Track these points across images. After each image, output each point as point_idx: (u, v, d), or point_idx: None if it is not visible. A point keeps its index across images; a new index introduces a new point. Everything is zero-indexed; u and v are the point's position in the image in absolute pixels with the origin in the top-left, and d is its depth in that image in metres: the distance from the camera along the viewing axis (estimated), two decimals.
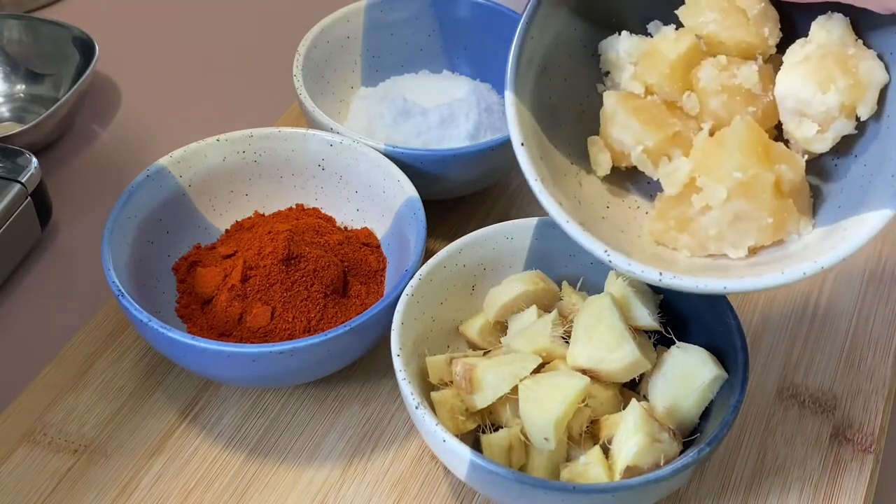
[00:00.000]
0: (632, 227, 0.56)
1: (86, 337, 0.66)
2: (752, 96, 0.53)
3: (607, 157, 0.56)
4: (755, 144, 0.51)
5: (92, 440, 0.61)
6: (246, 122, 0.73)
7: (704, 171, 0.52)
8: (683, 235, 0.54)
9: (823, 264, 0.48)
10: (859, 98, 0.50)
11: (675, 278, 0.49)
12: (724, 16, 0.53)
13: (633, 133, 0.55)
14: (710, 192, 0.52)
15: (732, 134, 0.52)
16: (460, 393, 0.56)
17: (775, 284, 0.48)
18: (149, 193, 0.65)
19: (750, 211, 0.51)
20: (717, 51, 0.54)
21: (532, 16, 0.55)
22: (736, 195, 0.51)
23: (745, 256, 0.53)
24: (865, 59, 0.50)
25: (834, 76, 0.50)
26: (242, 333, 0.62)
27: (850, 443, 0.62)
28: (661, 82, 0.55)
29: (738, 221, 0.52)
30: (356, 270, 0.66)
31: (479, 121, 0.74)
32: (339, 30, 0.78)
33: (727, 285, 0.49)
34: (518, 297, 0.60)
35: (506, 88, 0.54)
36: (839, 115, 0.51)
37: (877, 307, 0.70)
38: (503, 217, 0.70)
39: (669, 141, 0.54)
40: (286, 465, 0.60)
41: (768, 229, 0.52)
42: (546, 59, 0.56)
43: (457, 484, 0.60)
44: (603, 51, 0.58)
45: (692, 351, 0.56)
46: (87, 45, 0.82)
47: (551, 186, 0.53)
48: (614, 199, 0.57)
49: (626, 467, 0.52)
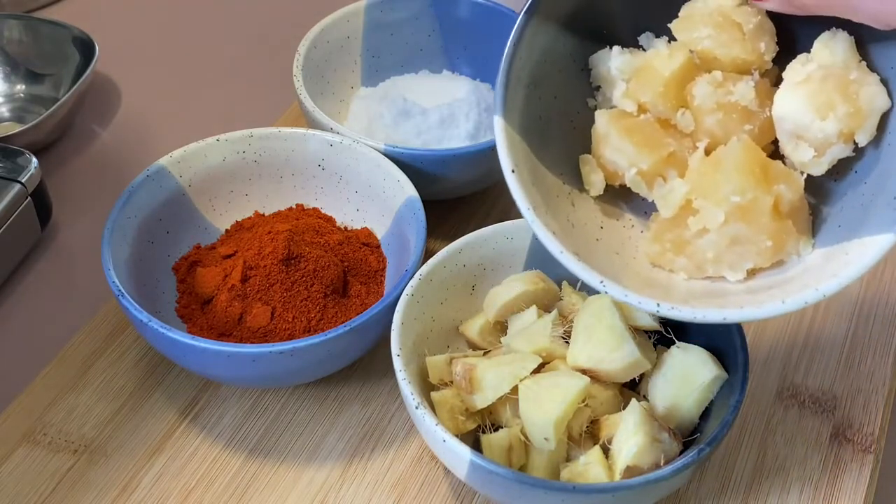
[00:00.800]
0: (627, 249, 0.55)
1: (86, 337, 0.66)
2: (749, 113, 0.52)
3: (600, 177, 0.55)
4: (752, 165, 0.50)
5: (92, 440, 0.61)
6: (246, 122, 0.73)
7: (701, 193, 0.51)
8: (680, 258, 0.52)
9: (826, 292, 0.46)
10: (859, 126, 0.49)
11: (674, 309, 0.48)
12: (719, 31, 0.52)
13: (626, 155, 0.53)
14: (707, 215, 0.50)
15: (729, 155, 0.50)
16: (460, 393, 0.56)
17: (776, 314, 0.47)
18: (149, 193, 0.65)
19: (748, 234, 0.50)
20: (711, 66, 0.53)
21: (520, 36, 0.53)
22: (734, 218, 0.50)
23: (743, 279, 0.52)
24: (868, 85, 0.49)
25: (834, 102, 0.49)
26: (242, 333, 0.62)
27: (850, 443, 0.62)
28: (654, 100, 0.53)
29: (736, 244, 0.51)
30: (356, 270, 0.66)
31: (479, 121, 0.74)
32: (339, 30, 0.78)
33: (726, 316, 0.47)
34: (518, 297, 0.60)
35: (494, 113, 0.53)
36: (837, 141, 0.50)
37: (877, 307, 0.70)
38: (503, 217, 0.70)
39: (664, 162, 0.53)
40: (286, 465, 0.60)
41: (767, 252, 0.51)
42: (535, 77, 0.55)
43: (457, 484, 0.60)
44: (594, 65, 0.56)
45: (692, 351, 0.56)
46: (87, 45, 0.82)
47: (543, 214, 0.52)
48: (608, 219, 0.56)
49: (626, 467, 0.52)
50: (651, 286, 0.51)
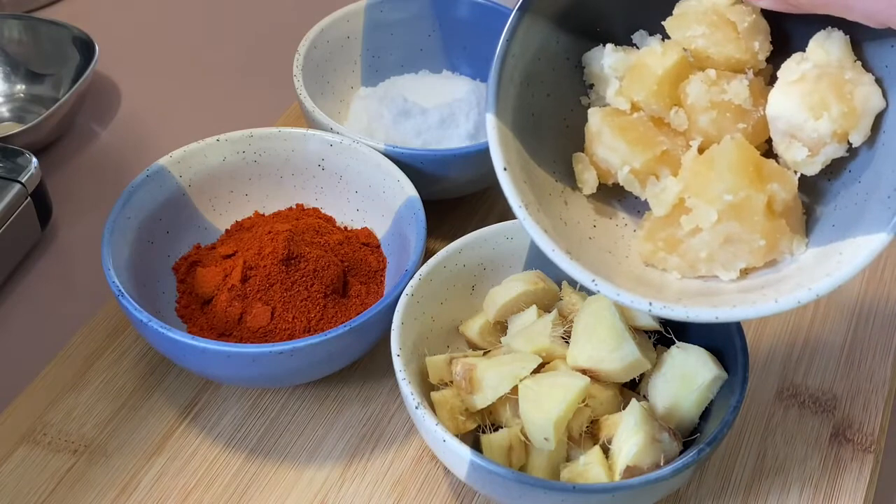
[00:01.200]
0: (619, 248, 0.55)
1: (86, 337, 0.66)
2: (743, 112, 0.51)
3: (593, 175, 0.55)
4: (746, 164, 0.50)
5: (92, 440, 0.61)
6: (246, 122, 0.73)
7: (694, 191, 0.51)
8: (673, 257, 0.52)
9: (819, 292, 0.46)
10: (853, 126, 0.49)
11: (665, 308, 0.48)
12: (713, 29, 0.52)
13: (619, 154, 0.53)
14: (700, 214, 0.50)
15: (722, 154, 0.50)
16: (460, 393, 0.56)
17: (769, 314, 0.47)
18: (149, 193, 0.65)
19: (741, 233, 0.50)
20: (705, 65, 0.53)
21: (512, 33, 0.53)
22: (727, 217, 0.50)
23: (736, 279, 0.51)
24: (862, 85, 0.49)
25: (828, 102, 0.48)
26: (242, 333, 0.62)
27: (850, 443, 0.62)
28: (647, 99, 0.53)
29: (729, 244, 0.50)
30: (356, 270, 0.66)
31: (478, 121, 0.74)
32: (339, 30, 0.78)
33: (718, 315, 0.47)
34: (518, 297, 0.60)
35: (486, 111, 0.53)
36: (831, 140, 0.49)
37: (877, 307, 0.70)
38: (503, 217, 0.70)
39: (657, 160, 0.53)
40: (286, 464, 0.60)
41: (760, 251, 0.50)
42: (528, 75, 0.54)
43: (457, 484, 0.60)
44: (587, 63, 0.56)
45: (692, 351, 0.56)
46: (87, 45, 0.82)
47: (536, 212, 0.51)
48: (601, 217, 0.56)
49: (626, 467, 0.52)
50: (644, 285, 0.51)
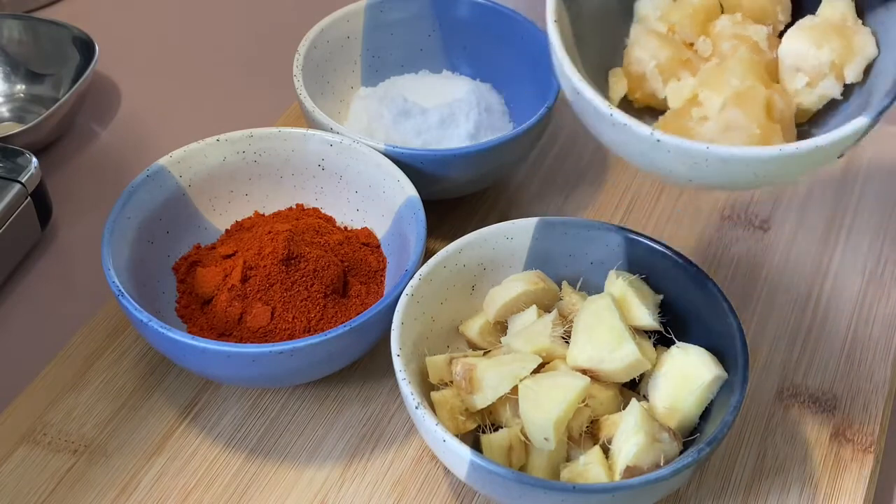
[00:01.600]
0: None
1: (86, 337, 0.66)
2: (759, 50, 0.57)
3: (623, 84, 0.59)
4: (756, 66, 0.55)
5: (92, 440, 0.61)
6: (246, 122, 0.73)
7: (707, 85, 0.55)
8: None
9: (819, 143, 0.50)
10: (849, 60, 0.55)
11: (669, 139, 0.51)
12: None
13: (650, 50, 0.58)
14: (708, 104, 0.55)
15: (736, 56, 0.56)
16: (460, 393, 0.56)
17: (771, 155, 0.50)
18: (149, 193, 0.65)
19: (741, 120, 0.54)
20: (735, 10, 0.59)
21: None
22: (731, 104, 0.54)
23: None
24: (861, 33, 0.55)
25: (830, 37, 0.55)
26: (242, 333, 0.62)
27: (850, 443, 0.62)
28: (682, 21, 0.59)
29: (729, 131, 0.54)
30: (356, 270, 0.66)
31: (479, 121, 0.74)
32: (339, 30, 0.78)
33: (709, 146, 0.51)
34: (518, 297, 0.60)
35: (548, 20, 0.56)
36: (829, 72, 0.55)
37: (877, 307, 0.70)
38: (503, 217, 0.70)
39: (681, 63, 0.58)
40: (286, 464, 0.60)
41: (755, 139, 0.54)
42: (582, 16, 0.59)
43: (457, 484, 0.60)
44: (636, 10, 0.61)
45: (692, 351, 0.56)
46: (87, 45, 0.82)
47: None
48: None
49: (626, 467, 0.52)
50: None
